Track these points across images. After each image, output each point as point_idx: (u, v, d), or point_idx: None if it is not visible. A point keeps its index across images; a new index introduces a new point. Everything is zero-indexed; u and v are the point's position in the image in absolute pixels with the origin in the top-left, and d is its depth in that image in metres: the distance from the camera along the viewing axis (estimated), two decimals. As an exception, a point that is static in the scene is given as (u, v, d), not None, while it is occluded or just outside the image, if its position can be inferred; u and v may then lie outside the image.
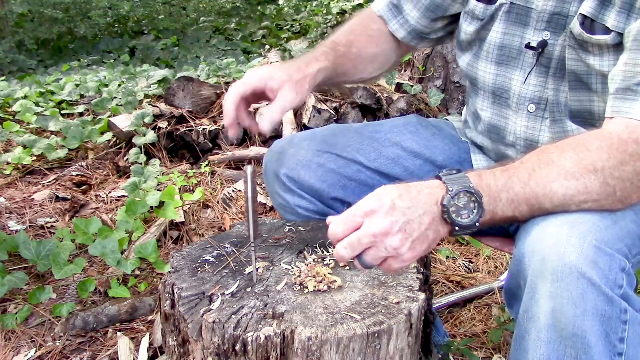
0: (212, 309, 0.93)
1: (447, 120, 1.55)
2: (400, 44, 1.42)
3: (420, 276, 1.04)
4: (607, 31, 1.02)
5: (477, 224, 0.90)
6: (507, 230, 1.37)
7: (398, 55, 1.45)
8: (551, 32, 1.13)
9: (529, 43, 1.16)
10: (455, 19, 1.36)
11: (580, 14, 1.06)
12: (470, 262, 2.32)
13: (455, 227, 0.89)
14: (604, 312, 0.83)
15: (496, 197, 0.91)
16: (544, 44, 1.14)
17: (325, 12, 8.47)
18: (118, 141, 3.14)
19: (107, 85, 4.04)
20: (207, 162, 3.01)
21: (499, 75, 1.24)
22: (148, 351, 1.67)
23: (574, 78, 1.12)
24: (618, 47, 1.02)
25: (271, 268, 1.08)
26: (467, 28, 1.28)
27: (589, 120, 1.15)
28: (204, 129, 3.14)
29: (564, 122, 1.18)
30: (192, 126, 3.16)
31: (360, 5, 7.59)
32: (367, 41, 1.36)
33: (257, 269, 1.05)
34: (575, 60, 1.10)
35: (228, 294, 0.98)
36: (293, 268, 1.07)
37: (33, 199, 2.62)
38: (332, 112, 3.22)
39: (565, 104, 1.16)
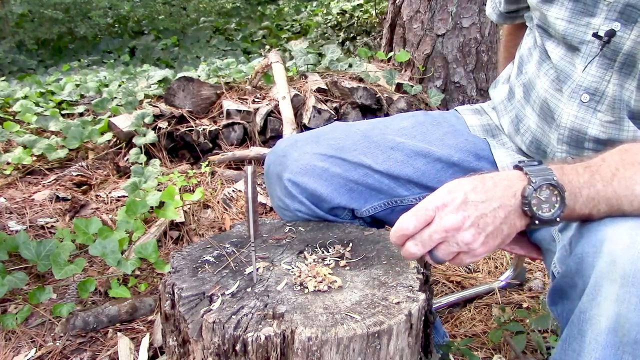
0: (212, 309, 0.93)
1: (456, 111, 1.50)
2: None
3: (420, 276, 1.04)
4: None
5: (558, 219, 0.88)
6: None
7: (514, 38, 1.60)
8: (622, 23, 1.07)
9: (597, 32, 1.11)
10: None
11: None
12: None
13: (534, 221, 0.88)
14: None
15: (577, 193, 0.89)
16: (611, 33, 1.08)
17: (325, 12, 8.47)
18: (118, 141, 3.14)
19: (107, 85, 4.04)
20: (207, 162, 3.01)
21: (565, 57, 1.19)
22: (148, 351, 1.67)
23: None
24: None
25: (271, 268, 1.08)
26: None
27: None
28: (204, 129, 3.14)
29: (622, 120, 1.13)
30: (192, 126, 3.16)
31: (359, 5, 7.58)
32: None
33: (257, 269, 1.05)
34: None
35: (228, 294, 0.98)
36: (293, 268, 1.07)
37: (33, 199, 2.62)
38: (332, 112, 3.22)
39: (628, 102, 1.11)
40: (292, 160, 1.30)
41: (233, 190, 2.74)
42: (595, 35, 1.11)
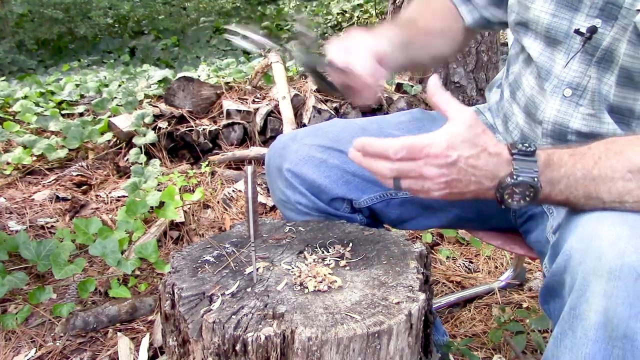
0: (212, 309, 0.93)
1: None
2: (465, 29, 1.44)
3: (420, 276, 1.04)
4: None
5: (524, 209, 0.92)
6: (512, 226, 1.36)
7: (464, 37, 1.46)
8: (603, 20, 1.09)
9: (579, 28, 1.12)
10: None
11: None
12: (470, 262, 2.32)
13: (500, 205, 0.93)
14: None
15: (557, 182, 0.92)
16: (593, 30, 1.10)
17: (325, 12, 8.47)
18: (118, 141, 3.14)
19: (107, 85, 4.04)
20: (207, 162, 3.01)
21: (543, 54, 1.21)
22: (148, 351, 1.67)
23: (624, 74, 1.09)
24: None
25: (271, 268, 1.08)
26: None
27: (627, 117, 1.13)
28: (204, 129, 3.14)
29: (602, 113, 1.14)
30: (192, 126, 3.16)
31: (359, 5, 7.58)
32: (432, 16, 1.38)
33: (257, 269, 1.05)
34: (631, 57, 1.06)
35: (228, 294, 0.98)
36: (293, 268, 1.07)
37: (33, 199, 2.62)
38: (332, 112, 3.22)
39: (606, 96, 1.12)
40: (291, 151, 1.32)
41: (233, 190, 2.74)
42: (577, 32, 1.13)
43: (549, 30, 1.18)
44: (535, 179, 0.91)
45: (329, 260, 1.10)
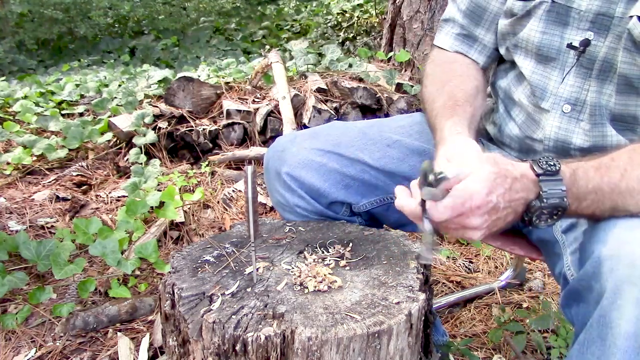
0: (212, 309, 0.93)
1: None
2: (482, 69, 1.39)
3: (420, 276, 1.04)
4: None
5: (550, 227, 0.93)
6: (514, 226, 1.35)
7: (486, 78, 1.41)
8: (595, 32, 1.10)
9: (571, 43, 1.13)
10: None
11: (637, 15, 1.03)
12: (470, 262, 2.32)
13: (529, 225, 0.93)
14: None
15: (584, 198, 0.92)
16: (586, 43, 1.11)
17: (325, 12, 8.47)
18: (118, 141, 3.14)
19: (107, 85, 4.04)
20: (207, 162, 3.01)
21: (536, 72, 1.21)
22: (148, 351, 1.67)
23: (623, 81, 1.09)
24: None
25: (271, 268, 1.08)
26: (502, 22, 1.27)
27: (631, 124, 1.13)
28: (204, 129, 3.14)
29: (604, 126, 1.14)
30: (192, 126, 3.16)
31: (359, 5, 7.58)
32: (462, 81, 1.30)
33: (257, 269, 1.05)
34: (629, 64, 1.07)
35: (228, 294, 0.98)
36: (293, 268, 1.07)
37: (33, 199, 2.62)
38: (332, 112, 3.22)
39: (606, 106, 1.13)
40: (290, 154, 1.32)
41: (233, 190, 2.74)
42: (570, 46, 1.14)
43: (541, 48, 1.19)
44: (565, 199, 0.90)
45: (329, 260, 1.10)
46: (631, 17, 1.04)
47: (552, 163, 0.91)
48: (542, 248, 1.28)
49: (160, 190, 2.48)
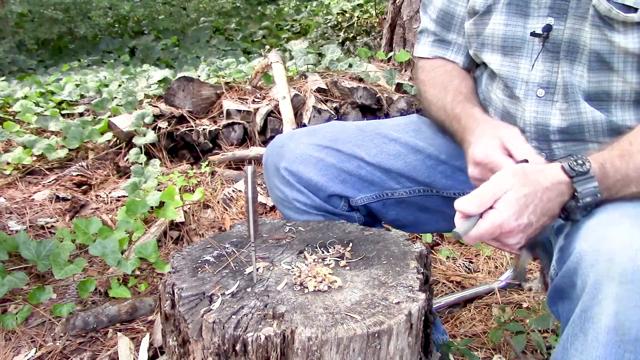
0: (212, 309, 0.93)
1: None
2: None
3: (420, 276, 1.04)
4: (629, 9, 1.04)
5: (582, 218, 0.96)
6: None
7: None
8: (555, 17, 1.14)
9: (534, 31, 1.17)
10: None
11: None
12: (470, 262, 2.32)
13: (566, 220, 0.97)
14: None
15: (613, 187, 0.96)
16: (548, 28, 1.15)
17: (325, 12, 8.47)
18: (118, 141, 3.14)
19: (107, 85, 4.04)
20: (207, 162, 3.01)
21: (504, 64, 1.24)
22: (148, 351, 1.67)
23: (595, 58, 1.12)
24: None
25: (271, 268, 1.08)
26: (467, 23, 1.31)
27: (605, 101, 1.16)
28: (204, 129, 3.14)
29: (578, 104, 1.17)
30: (192, 126, 3.16)
31: (359, 5, 7.58)
32: (460, 80, 1.36)
33: (257, 269, 1.05)
34: (599, 40, 1.10)
35: (228, 294, 0.98)
36: (293, 268, 1.07)
37: (33, 199, 2.62)
38: (332, 112, 3.22)
39: (579, 85, 1.16)
40: (288, 150, 1.34)
41: (233, 190, 2.74)
42: (533, 34, 1.17)
43: (505, 39, 1.23)
44: (598, 195, 0.94)
45: (329, 260, 1.10)
46: None
47: (581, 162, 0.95)
48: (538, 248, 1.30)
49: (160, 190, 2.48)
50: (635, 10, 1.03)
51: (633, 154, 0.97)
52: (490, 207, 0.94)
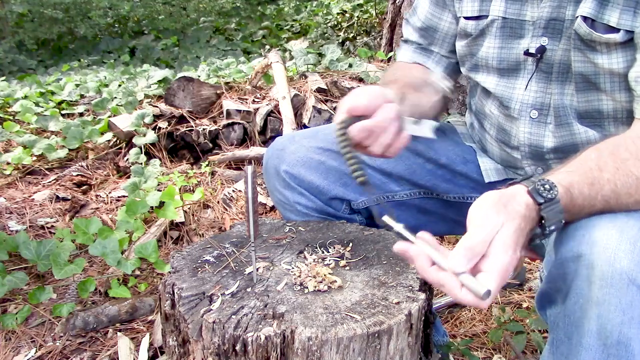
0: (212, 309, 0.93)
1: (449, 122, 1.55)
2: None
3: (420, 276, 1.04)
4: (612, 29, 1.03)
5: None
6: None
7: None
8: (549, 37, 1.15)
9: (528, 50, 1.17)
10: None
11: (581, 15, 1.07)
12: (470, 262, 2.32)
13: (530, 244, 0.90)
14: None
15: (577, 214, 0.90)
16: (542, 50, 1.15)
17: (325, 12, 8.46)
18: (118, 141, 3.14)
19: (107, 85, 4.04)
20: (207, 162, 3.01)
21: (500, 85, 1.25)
22: (148, 351, 1.67)
23: (581, 79, 1.13)
24: (626, 44, 1.04)
25: (271, 268, 1.08)
26: (459, 44, 1.32)
27: (598, 119, 1.16)
28: (204, 129, 3.14)
29: (571, 125, 1.18)
30: (192, 126, 3.16)
31: (359, 5, 7.58)
32: (413, 74, 1.37)
33: (257, 269, 1.05)
34: (582, 62, 1.11)
35: (228, 294, 0.98)
36: (293, 268, 1.07)
37: (33, 199, 2.62)
38: (332, 112, 3.22)
39: (570, 106, 1.16)
40: (289, 152, 1.34)
41: (233, 190, 2.74)
42: (527, 53, 1.17)
43: (501, 62, 1.23)
44: (562, 221, 0.88)
45: (329, 260, 1.10)
46: (577, 17, 1.08)
47: (548, 187, 0.87)
48: (539, 253, 1.30)
49: (160, 190, 2.48)
50: (617, 30, 1.03)
51: (604, 185, 0.90)
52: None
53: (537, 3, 1.15)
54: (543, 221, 0.86)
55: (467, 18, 1.27)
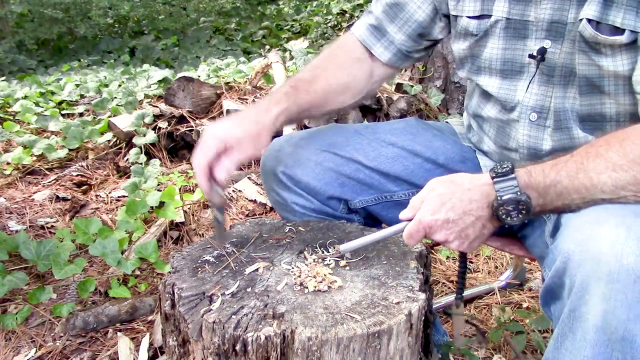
0: (212, 309, 0.93)
1: (447, 122, 1.55)
2: (378, 68, 1.41)
3: (420, 276, 1.04)
4: (617, 31, 1.03)
5: (527, 221, 0.97)
6: (511, 231, 1.36)
7: (373, 81, 1.43)
8: (551, 39, 1.14)
9: (531, 53, 1.17)
10: (439, 40, 1.41)
11: (585, 18, 1.06)
12: (470, 262, 2.32)
13: (505, 225, 0.97)
14: None
15: (545, 193, 0.96)
16: (543, 51, 1.15)
17: (325, 12, 8.47)
18: (118, 141, 3.14)
19: (107, 85, 4.04)
20: (207, 162, 3.01)
21: (502, 87, 1.25)
22: (148, 351, 1.67)
23: (585, 82, 1.12)
24: (630, 45, 1.04)
25: (271, 268, 1.08)
26: (459, 46, 1.30)
27: (600, 123, 1.16)
28: (204, 129, 3.14)
29: (571, 129, 1.18)
30: (192, 126, 3.16)
31: (359, 5, 7.59)
32: (335, 71, 1.36)
33: (257, 269, 1.06)
34: (587, 65, 1.10)
35: (228, 294, 0.98)
36: (293, 268, 1.07)
37: (33, 199, 2.62)
38: (332, 112, 3.22)
39: (572, 109, 1.16)
40: (285, 154, 1.34)
41: (233, 190, 2.74)
42: (531, 56, 1.17)
43: (505, 63, 1.23)
44: (519, 193, 0.95)
45: (329, 260, 1.10)
46: (581, 20, 1.07)
47: (505, 166, 0.97)
48: (535, 253, 1.30)
49: (160, 190, 2.48)
50: (622, 31, 1.03)
51: (568, 163, 0.96)
52: None
53: (538, 4, 1.14)
54: (496, 192, 0.96)
55: (469, 17, 1.26)
